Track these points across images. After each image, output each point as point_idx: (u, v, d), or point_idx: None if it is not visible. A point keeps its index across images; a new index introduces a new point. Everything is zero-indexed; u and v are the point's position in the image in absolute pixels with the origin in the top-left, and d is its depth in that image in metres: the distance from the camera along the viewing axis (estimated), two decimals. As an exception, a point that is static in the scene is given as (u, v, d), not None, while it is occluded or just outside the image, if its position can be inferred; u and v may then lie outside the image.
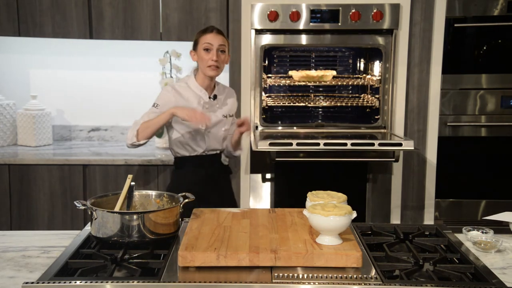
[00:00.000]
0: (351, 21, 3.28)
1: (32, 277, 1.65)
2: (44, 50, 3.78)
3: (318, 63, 3.77)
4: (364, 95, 3.74)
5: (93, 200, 1.93)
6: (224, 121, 2.78)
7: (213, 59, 2.63)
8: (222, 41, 2.67)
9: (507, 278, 1.65)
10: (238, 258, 1.64)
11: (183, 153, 2.74)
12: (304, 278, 1.58)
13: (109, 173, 3.27)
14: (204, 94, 2.72)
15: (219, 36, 2.68)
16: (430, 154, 3.46)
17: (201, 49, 2.66)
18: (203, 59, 2.66)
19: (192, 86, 2.72)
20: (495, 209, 2.75)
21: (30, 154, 3.38)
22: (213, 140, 2.75)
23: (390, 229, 2.03)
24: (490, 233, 1.99)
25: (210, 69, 2.65)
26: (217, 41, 2.65)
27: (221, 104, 2.79)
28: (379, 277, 1.59)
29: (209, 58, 2.64)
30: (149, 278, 1.57)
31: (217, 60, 2.64)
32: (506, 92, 3.47)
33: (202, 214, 2.05)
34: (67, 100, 3.86)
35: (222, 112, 2.77)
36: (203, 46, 2.65)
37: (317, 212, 1.73)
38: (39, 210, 3.28)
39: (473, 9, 3.39)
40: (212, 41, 2.64)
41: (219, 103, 2.77)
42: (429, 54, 3.38)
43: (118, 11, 3.39)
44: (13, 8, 3.37)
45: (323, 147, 3.08)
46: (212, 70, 2.65)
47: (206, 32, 2.68)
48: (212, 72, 2.66)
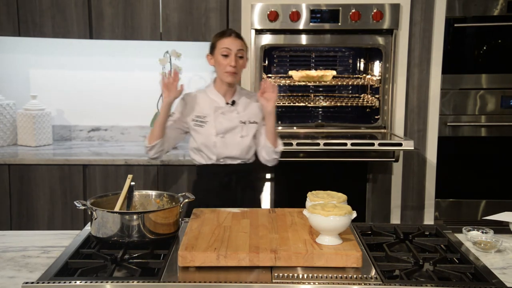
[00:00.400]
0: (351, 21, 3.28)
1: (32, 277, 1.65)
2: (44, 50, 3.78)
3: (318, 63, 3.77)
4: (364, 95, 3.74)
5: (93, 200, 1.93)
6: (241, 127, 2.62)
7: (231, 65, 2.53)
8: (241, 45, 2.57)
9: (507, 278, 1.65)
10: (238, 258, 1.64)
11: (200, 160, 2.65)
12: (304, 278, 1.58)
13: (109, 173, 3.26)
14: (220, 99, 2.63)
15: (238, 41, 2.57)
16: (430, 154, 3.46)
17: (218, 54, 2.56)
18: (220, 64, 2.56)
19: (210, 93, 2.65)
20: (495, 209, 2.75)
21: (30, 154, 3.38)
22: (228, 147, 2.61)
23: (390, 229, 2.03)
24: (490, 233, 1.99)
25: (227, 75, 2.55)
26: (235, 46, 2.55)
27: (242, 109, 2.65)
28: (379, 277, 1.59)
29: (226, 63, 2.54)
30: (149, 278, 1.57)
31: (235, 65, 2.54)
32: (506, 92, 3.47)
33: (202, 214, 2.05)
34: (67, 100, 3.86)
35: (240, 118, 2.62)
36: (221, 51, 2.55)
37: (317, 212, 1.73)
38: (39, 210, 3.28)
39: (473, 9, 3.39)
40: (230, 45, 2.54)
41: (238, 109, 2.64)
42: (429, 54, 3.38)
43: (118, 11, 3.39)
44: (13, 8, 3.37)
45: (323, 147, 3.08)
46: (229, 76, 2.55)
47: (224, 36, 2.58)
48: (229, 78, 2.56)
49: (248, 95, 2.71)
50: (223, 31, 2.63)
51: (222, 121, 2.60)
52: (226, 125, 2.60)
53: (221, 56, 2.54)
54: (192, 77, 3.82)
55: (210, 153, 2.61)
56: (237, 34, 2.60)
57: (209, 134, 2.59)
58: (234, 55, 2.54)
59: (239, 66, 2.56)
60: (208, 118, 2.61)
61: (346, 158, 3.29)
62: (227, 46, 2.54)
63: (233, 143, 2.61)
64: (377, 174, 3.51)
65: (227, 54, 2.54)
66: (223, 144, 2.60)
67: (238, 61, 2.56)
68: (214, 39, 2.62)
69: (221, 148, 2.60)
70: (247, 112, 2.65)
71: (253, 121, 2.65)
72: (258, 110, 2.67)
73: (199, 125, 2.61)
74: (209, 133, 2.59)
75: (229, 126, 2.61)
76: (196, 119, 2.61)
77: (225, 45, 2.54)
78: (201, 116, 2.61)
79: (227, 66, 2.54)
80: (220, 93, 2.63)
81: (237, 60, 2.55)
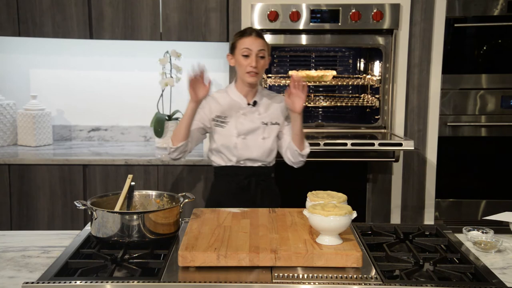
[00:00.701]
0: (351, 21, 3.28)
1: (32, 277, 1.65)
2: (44, 50, 3.78)
3: (318, 63, 3.77)
4: (364, 95, 3.74)
5: (93, 200, 1.93)
6: (263, 128, 2.58)
7: (252, 65, 2.48)
8: (262, 45, 2.51)
9: (507, 278, 1.65)
10: (238, 258, 1.64)
11: (219, 162, 2.61)
12: (304, 278, 1.58)
13: (109, 173, 3.26)
14: (242, 100, 2.58)
15: (259, 40, 2.51)
16: (430, 154, 3.46)
17: (239, 54, 2.51)
18: (241, 64, 2.51)
19: (231, 93, 2.61)
20: (495, 209, 2.75)
21: (30, 154, 3.38)
22: (250, 149, 2.57)
23: (390, 229, 2.03)
24: (490, 233, 1.99)
25: (248, 76, 2.50)
26: (256, 46, 2.49)
27: (263, 110, 2.60)
28: (379, 277, 1.59)
29: (247, 64, 2.49)
30: (149, 278, 1.57)
31: (256, 66, 2.49)
32: (506, 92, 3.47)
33: (202, 214, 2.05)
34: (67, 100, 3.86)
35: (262, 119, 2.58)
36: (242, 52, 2.50)
37: (317, 212, 1.73)
38: (39, 210, 3.28)
39: (473, 9, 3.39)
40: (251, 45, 2.49)
41: (260, 110, 2.60)
42: (429, 54, 3.38)
43: (118, 11, 3.39)
44: (13, 8, 3.37)
45: (323, 147, 3.08)
46: (250, 76, 2.50)
47: (244, 36, 2.52)
48: (250, 79, 2.51)
49: (270, 96, 2.66)
50: (243, 31, 2.57)
51: (243, 122, 2.56)
52: (247, 126, 2.56)
53: (242, 56, 2.50)
54: (192, 77, 3.82)
55: (230, 155, 2.57)
56: (258, 33, 2.54)
57: (230, 135, 2.55)
58: (255, 55, 2.49)
59: (260, 66, 2.51)
60: (229, 118, 2.56)
61: (346, 158, 3.29)
62: (248, 46, 2.49)
63: (255, 144, 2.57)
64: (377, 174, 3.51)
65: (248, 55, 2.49)
66: (244, 145, 2.55)
67: (259, 61, 2.51)
68: (234, 38, 2.57)
69: (242, 149, 2.55)
70: (269, 113, 2.61)
71: (275, 122, 2.61)
72: (280, 111, 2.63)
73: (219, 125, 2.56)
74: (230, 134, 2.55)
75: (251, 127, 2.56)
76: (217, 119, 2.57)
77: (246, 45, 2.49)
78: (222, 116, 2.57)
79: (247, 67, 2.49)
80: (242, 94, 2.59)
81: (258, 61, 2.50)
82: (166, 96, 3.66)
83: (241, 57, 2.50)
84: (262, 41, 2.53)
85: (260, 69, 2.52)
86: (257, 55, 2.49)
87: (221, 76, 3.81)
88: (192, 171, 3.27)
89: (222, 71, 3.79)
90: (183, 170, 3.27)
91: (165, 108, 3.66)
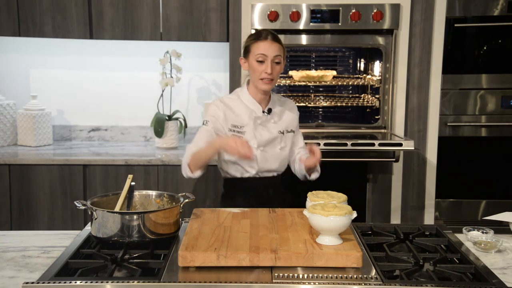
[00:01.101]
0: (351, 21, 3.28)
1: (32, 277, 1.65)
2: (44, 50, 3.78)
3: (318, 63, 3.77)
4: (364, 95, 3.74)
5: (93, 200, 1.93)
6: (280, 138, 2.45)
7: (267, 72, 2.31)
8: (278, 50, 2.34)
9: (507, 278, 1.65)
10: (238, 258, 1.64)
11: (234, 173, 2.44)
12: (304, 278, 1.58)
13: (109, 173, 3.26)
14: (257, 107, 2.41)
15: (275, 45, 2.34)
16: (430, 154, 3.46)
17: (253, 59, 2.34)
18: (255, 70, 2.34)
19: (244, 98, 2.42)
20: (495, 209, 2.76)
21: (30, 154, 3.38)
22: (268, 160, 2.43)
23: (390, 229, 2.03)
24: (490, 233, 1.99)
25: (262, 83, 2.34)
26: (272, 51, 2.32)
27: (278, 118, 2.46)
28: (379, 277, 1.59)
29: (262, 70, 2.32)
30: (149, 278, 1.57)
31: (272, 73, 2.32)
32: (506, 92, 3.47)
33: (202, 214, 2.05)
34: (67, 100, 3.86)
35: (278, 128, 2.44)
36: (256, 57, 2.32)
37: (317, 212, 1.73)
38: (39, 210, 3.28)
39: (473, 9, 3.39)
40: (266, 51, 2.31)
41: (274, 118, 2.45)
42: (429, 54, 3.38)
43: (118, 11, 3.39)
44: (13, 8, 3.37)
45: (323, 147, 3.08)
46: (265, 84, 2.33)
47: (259, 39, 2.34)
48: (264, 86, 2.34)
49: (281, 101, 2.52)
50: (258, 33, 2.38)
51: (262, 133, 2.41)
52: (266, 137, 2.41)
53: (256, 62, 2.33)
54: (192, 77, 3.83)
55: (249, 167, 2.41)
56: (274, 36, 2.37)
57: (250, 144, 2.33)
58: (271, 61, 2.32)
59: (275, 72, 2.34)
60: (246, 128, 2.39)
61: (346, 158, 3.29)
62: (263, 51, 2.32)
63: (273, 155, 2.44)
64: (377, 174, 3.51)
65: (263, 60, 2.32)
66: (264, 157, 2.41)
67: (275, 68, 2.34)
68: (248, 41, 2.39)
69: (261, 161, 2.41)
70: (283, 121, 2.48)
71: (290, 130, 2.50)
72: (294, 118, 2.52)
73: (236, 135, 2.37)
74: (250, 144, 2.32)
75: (269, 137, 2.42)
76: (233, 129, 2.39)
77: (261, 51, 2.32)
78: (238, 125, 2.39)
79: (262, 73, 2.32)
80: (255, 99, 2.42)
81: (274, 67, 2.33)
82: (166, 96, 3.66)
83: (256, 63, 2.33)
84: (279, 45, 2.36)
85: (275, 75, 2.35)
86: (273, 61, 2.33)
87: (221, 76, 3.82)
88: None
89: (222, 71, 3.79)
90: (183, 170, 3.27)
91: (165, 108, 3.66)
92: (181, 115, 3.69)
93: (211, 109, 2.42)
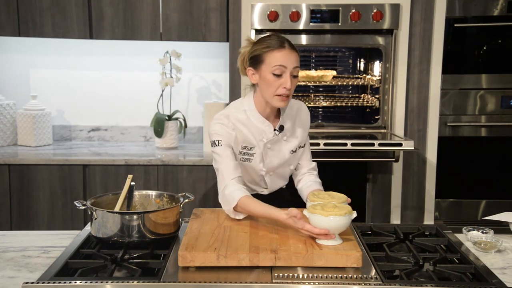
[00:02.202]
0: (351, 21, 3.28)
1: (32, 277, 1.65)
2: (44, 50, 3.78)
3: (318, 63, 3.77)
4: (364, 95, 3.74)
5: (93, 200, 1.93)
6: (291, 158, 2.20)
7: (286, 87, 1.98)
8: (297, 61, 2.01)
9: (507, 278, 1.65)
10: (238, 258, 1.64)
11: None
12: (304, 278, 1.58)
13: (109, 173, 3.26)
14: (267, 127, 2.10)
15: (294, 54, 2.00)
16: (430, 154, 3.46)
17: (268, 71, 1.99)
18: (270, 85, 1.99)
19: (252, 116, 2.10)
20: (495, 209, 2.75)
21: (30, 154, 3.38)
22: (279, 181, 2.25)
23: (390, 229, 2.03)
24: (490, 233, 1.99)
25: (279, 99, 2.01)
26: (291, 62, 1.99)
27: (290, 134, 2.17)
28: (379, 277, 1.59)
29: (279, 85, 1.99)
30: (149, 278, 1.57)
31: (290, 88, 2.00)
32: (506, 92, 3.47)
33: (202, 214, 2.05)
34: (67, 100, 3.86)
35: (290, 147, 2.17)
36: (273, 69, 1.98)
37: (317, 212, 1.73)
38: (39, 210, 3.28)
39: (473, 9, 3.39)
40: (286, 62, 1.98)
41: (286, 135, 2.16)
42: (429, 54, 3.38)
43: (118, 11, 3.39)
44: (13, 8, 3.37)
45: (323, 147, 3.08)
46: (281, 101, 2.01)
47: (277, 48, 1.99)
48: (281, 103, 2.02)
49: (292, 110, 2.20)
50: (274, 40, 2.02)
51: (272, 159, 2.16)
52: (276, 162, 2.17)
53: (273, 75, 1.99)
54: (192, 77, 3.83)
55: (257, 187, 2.23)
56: (291, 44, 2.03)
57: (259, 169, 2.16)
58: (290, 74, 2.00)
59: (293, 87, 2.02)
60: (255, 150, 2.13)
61: (346, 158, 3.29)
62: (283, 63, 1.98)
63: (283, 175, 2.25)
64: (377, 174, 3.51)
65: (281, 73, 1.99)
66: (273, 179, 2.23)
67: (293, 81, 2.01)
68: (260, 49, 2.02)
69: (271, 183, 2.23)
70: (296, 137, 2.20)
71: (303, 145, 2.25)
72: (305, 129, 2.24)
73: (246, 159, 2.14)
74: (258, 169, 2.16)
75: (280, 162, 2.18)
76: (243, 151, 2.13)
77: (280, 62, 1.98)
78: (248, 147, 2.13)
79: (279, 88, 1.99)
80: (264, 115, 2.11)
81: (292, 81, 2.00)
82: (166, 96, 3.66)
83: (271, 76, 1.99)
84: (296, 54, 2.03)
85: (292, 90, 2.03)
86: (291, 74, 2.00)
87: (221, 76, 3.82)
88: (192, 171, 3.27)
89: (222, 71, 3.79)
90: (183, 170, 3.27)
91: (165, 108, 3.66)
92: (181, 115, 3.69)
93: (216, 128, 2.08)
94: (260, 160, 2.15)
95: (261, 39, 2.07)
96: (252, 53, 2.06)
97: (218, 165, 2.07)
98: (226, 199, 1.98)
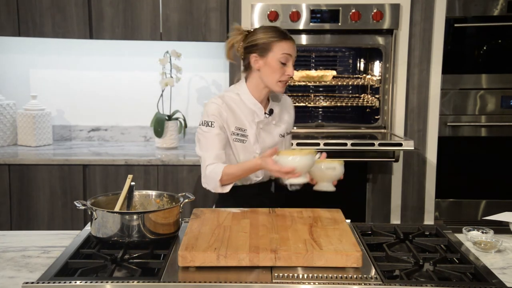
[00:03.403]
0: (351, 21, 3.28)
1: (32, 277, 1.65)
2: (44, 50, 3.78)
3: (318, 63, 3.77)
4: (364, 95, 3.74)
5: (93, 200, 1.93)
6: (281, 142, 2.33)
7: (290, 74, 2.20)
8: (296, 52, 2.25)
9: (507, 278, 1.65)
10: (238, 258, 1.64)
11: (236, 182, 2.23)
12: (304, 278, 1.58)
13: (109, 173, 3.26)
14: (259, 109, 2.25)
15: (294, 45, 2.24)
16: (430, 154, 3.46)
17: (275, 59, 2.17)
18: (276, 71, 2.18)
19: (245, 98, 2.25)
20: (495, 209, 2.75)
21: (30, 154, 3.38)
22: None
23: (390, 229, 2.03)
24: (490, 233, 1.99)
25: (281, 85, 2.21)
26: (295, 52, 2.22)
27: (278, 119, 2.33)
28: (379, 277, 1.59)
29: (284, 72, 2.19)
30: (149, 278, 1.57)
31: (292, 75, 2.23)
32: (506, 92, 3.47)
33: (202, 214, 2.05)
34: (67, 100, 3.86)
35: (279, 131, 2.32)
36: (281, 57, 2.17)
37: (283, 154, 1.97)
38: (39, 210, 3.28)
39: (473, 9, 3.39)
40: (292, 51, 2.19)
41: (275, 119, 2.31)
42: (429, 54, 3.38)
43: (118, 11, 3.39)
44: (13, 8, 3.37)
45: (323, 147, 3.08)
46: (282, 86, 2.22)
47: (284, 39, 2.19)
48: (282, 89, 2.23)
49: (278, 97, 2.38)
50: (281, 32, 2.22)
51: (265, 139, 2.27)
52: (268, 142, 2.28)
53: (279, 62, 2.18)
54: (192, 77, 3.83)
55: (255, 176, 2.28)
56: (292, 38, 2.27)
57: (252, 151, 2.24)
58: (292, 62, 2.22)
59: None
60: (249, 131, 2.24)
61: (346, 158, 3.27)
62: (289, 52, 2.19)
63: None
64: (377, 174, 3.51)
65: (286, 62, 2.19)
66: None
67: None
68: (268, 39, 2.19)
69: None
70: (283, 122, 2.36)
71: (289, 132, 2.40)
72: (291, 118, 2.42)
73: (239, 140, 2.23)
74: (252, 151, 2.24)
75: (272, 143, 2.28)
76: (237, 132, 2.23)
77: (287, 51, 2.18)
78: (241, 129, 2.24)
79: (284, 75, 2.19)
80: (258, 100, 2.26)
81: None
82: (166, 96, 3.66)
83: (278, 63, 2.17)
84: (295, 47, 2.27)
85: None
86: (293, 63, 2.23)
87: (221, 76, 3.82)
88: (192, 171, 3.27)
89: (222, 71, 3.79)
90: (183, 170, 3.27)
91: (165, 108, 3.66)
92: (181, 115, 3.69)
93: (212, 107, 2.20)
94: (255, 141, 2.25)
95: (263, 29, 2.24)
96: (255, 41, 2.21)
97: (202, 149, 2.20)
98: (210, 176, 2.14)
